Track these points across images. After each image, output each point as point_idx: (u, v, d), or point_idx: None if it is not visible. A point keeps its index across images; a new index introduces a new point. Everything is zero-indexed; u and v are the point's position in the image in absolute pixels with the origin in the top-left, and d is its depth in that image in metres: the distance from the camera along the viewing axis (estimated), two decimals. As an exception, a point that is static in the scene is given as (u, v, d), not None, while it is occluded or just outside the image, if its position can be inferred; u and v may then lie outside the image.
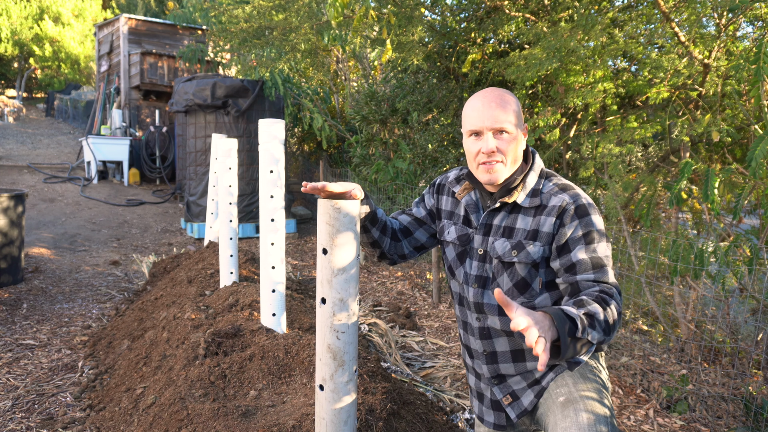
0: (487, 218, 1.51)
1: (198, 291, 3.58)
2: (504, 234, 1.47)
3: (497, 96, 1.45)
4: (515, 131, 1.45)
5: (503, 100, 1.44)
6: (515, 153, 1.46)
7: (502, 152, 1.44)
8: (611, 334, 1.25)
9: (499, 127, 1.42)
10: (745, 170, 2.73)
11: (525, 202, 1.46)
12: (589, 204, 1.42)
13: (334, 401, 1.34)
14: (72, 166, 10.95)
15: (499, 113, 1.42)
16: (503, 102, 1.44)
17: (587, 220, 1.39)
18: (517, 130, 1.46)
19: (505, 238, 1.47)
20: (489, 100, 1.44)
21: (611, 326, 1.23)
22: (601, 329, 1.20)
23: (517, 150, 1.47)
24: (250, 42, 5.80)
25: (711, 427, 2.64)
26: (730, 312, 3.22)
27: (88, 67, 20.76)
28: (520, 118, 1.47)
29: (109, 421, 2.41)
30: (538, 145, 4.03)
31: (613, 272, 1.39)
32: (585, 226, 1.39)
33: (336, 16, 3.52)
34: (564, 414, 1.34)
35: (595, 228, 1.39)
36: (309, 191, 1.26)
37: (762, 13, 2.92)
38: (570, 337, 1.13)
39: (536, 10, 3.97)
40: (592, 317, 1.19)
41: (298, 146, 10.14)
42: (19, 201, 4.75)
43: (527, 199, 1.46)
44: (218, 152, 3.62)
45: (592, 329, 1.18)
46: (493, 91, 1.46)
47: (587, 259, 1.37)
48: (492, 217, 1.51)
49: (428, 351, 3.57)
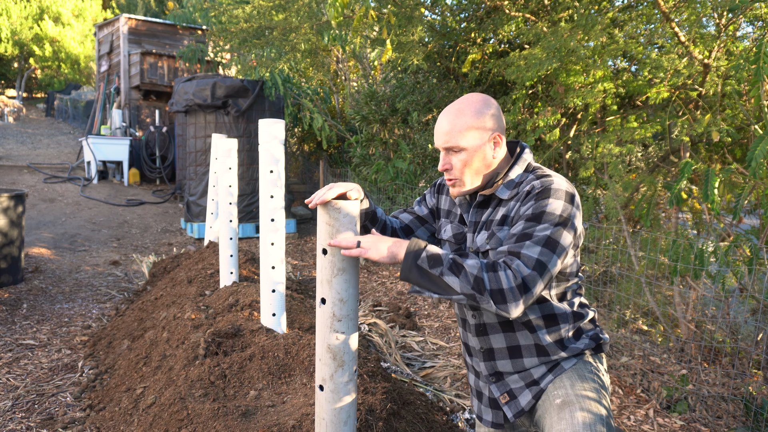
0: (474, 215, 1.52)
1: (198, 291, 3.58)
2: (485, 227, 1.48)
3: (457, 110, 1.43)
4: (475, 143, 1.42)
5: (462, 112, 1.42)
6: (477, 166, 1.44)
7: (456, 170, 1.44)
8: (484, 294, 1.22)
9: (450, 145, 1.42)
10: (745, 170, 2.73)
11: (504, 194, 1.45)
12: (557, 189, 1.35)
13: (334, 401, 1.34)
14: (72, 166, 10.95)
15: (453, 130, 1.41)
16: (461, 115, 1.41)
17: (543, 202, 1.33)
18: (481, 140, 1.42)
19: (485, 231, 1.47)
20: (447, 115, 1.44)
21: (479, 285, 1.22)
22: (467, 282, 1.23)
23: (481, 161, 1.44)
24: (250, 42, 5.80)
25: (711, 427, 2.64)
26: (730, 312, 3.22)
27: (88, 67, 20.76)
28: (495, 124, 1.43)
29: (109, 421, 2.41)
30: (538, 145, 4.03)
31: (539, 250, 1.27)
32: (537, 207, 1.33)
33: (336, 16, 3.52)
34: (560, 416, 1.34)
35: (546, 209, 1.32)
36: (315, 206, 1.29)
37: (762, 13, 2.92)
38: (410, 258, 1.26)
39: (536, 10, 3.97)
40: (453, 261, 1.25)
41: (298, 146, 10.14)
42: (19, 201, 4.75)
43: (506, 192, 1.45)
44: (218, 152, 3.62)
45: (449, 272, 1.24)
46: (456, 104, 1.45)
47: (516, 234, 1.33)
48: (480, 214, 1.52)
49: (428, 351, 3.57)
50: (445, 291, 1.26)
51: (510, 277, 1.23)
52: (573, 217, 1.34)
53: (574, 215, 1.35)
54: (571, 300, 1.50)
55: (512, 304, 1.23)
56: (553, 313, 1.46)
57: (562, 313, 1.46)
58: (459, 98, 1.47)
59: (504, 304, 1.23)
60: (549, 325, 1.46)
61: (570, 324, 1.48)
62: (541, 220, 1.32)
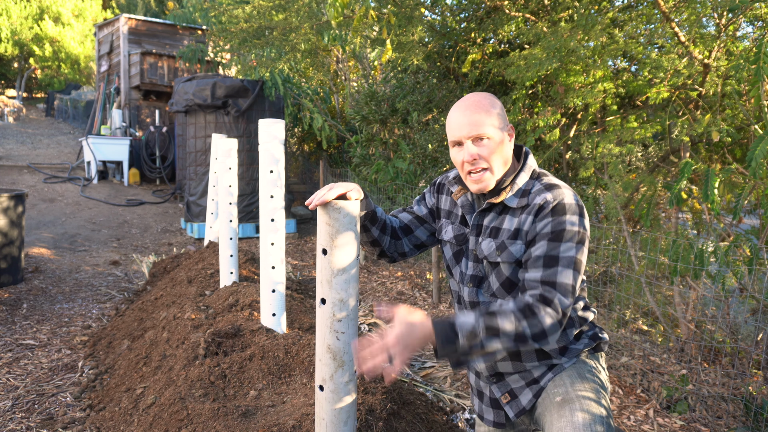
0: (478, 219, 1.51)
1: (198, 291, 3.58)
2: (491, 234, 1.47)
3: (474, 103, 1.43)
4: (497, 135, 1.42)
5: (480, 105, 1.42)
6: (501, 157, 1.44)
7: (484, 158, 1.42)
8: (527, 341, 1.26)
9: (477, 134, 1.41)
10: (745, 170, 2.73)
11: (513, 203, 1.44)
12: (571, 204, 1.37)
13: (334, 402, 1.34)
14: (72, 166, 10.95)
15: (476, 120, 1.40)
16: (480, 108, 1.41)
17: (561, 218, 1.35)
18: (501, 133, 1.43)
19: (491, 238, 1.46)
20: (465, 108, 1.43)
21: (521, 336, 1.25)
22: (509, 339, 1.25)
23: (503, 153, 1.45)
24: (250, 42, 5.79)
25: (711, 427, 2.64)
26: (730, 312, 3.22)
27: (88, 67, 20.76)
28: (503, 121, 1.45)
29: (109, 421, 2.41)
30: (538, 145, 4.03)
31: (572, 274, 1.32)
32: (556, 225, 1.35)
33: (336, 16, 3.52)
34: (560, 413, 1.34)
35: (566, 227, 1.34)
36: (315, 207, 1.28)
37: (762, 13, 2.92)
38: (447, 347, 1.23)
39: (536, 10, 3.97)
40: (487, 327, 1.24)
41: (298, 146, 10.14)
42: (19, 201, 4.75)
43: (515, 200, 1.44)
44: (218, 152, 3.63)
45: (488, 339, 1.24)
46: (470, 98, 1.44)
47: (542, 256, 1.34)
48: (483, 218, 1.50)
49: (428, 351, 3.57)
50: (490, 357, 1.29)
51: (552, 315, 1.27)
52: (586, 230, 1.38)
53: (587, 228, 1.39)
54: (576, 302, 1.50)
55: (552, 336, 1.28)
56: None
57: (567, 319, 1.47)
58: (465, 96, 1.46)
59: (545, 339, 1.27)
60: None
61: (574, 329, 1.49)
62: (563, 238, 1.34)
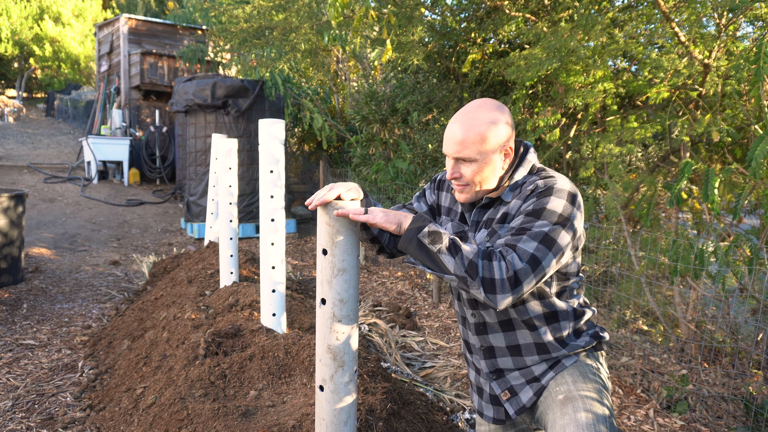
0: (476, 215, 1.52)
1: (198, 291, 3.58)
2: (486, 226, 1.47)
3: (470, 120, 1.39)
4: (485, 158, 1.39)
5: (475, 124, 1.38)
6: (483, 177, 1.42)
7: (465, 178, 1.42)
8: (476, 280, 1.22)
9: (460, 156, 1.39)
10: (745, 170, 2.73)
11: (509, 197, 1.44)
12: (561, 189, 1.34)
13: (335, 402, 1.34)
14: (72, 166, 10.95)
15: (464, 142, 1.38)
16: (473, 127, 1.38)
17: (545, 199, 1.32)
18: (491, 156, 1.40)
19: (485, 229, 1.47)
20: (460, 123, 1.40)
21: (473, 269, 1.22)
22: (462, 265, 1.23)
23: (491, 172, 1.42)
24: (250, 42, 5.80)
25: (711, 427, 2.64)
26: (730, 312, 3.22)
27: (88, 67, 20.75)
28: (500, 140, 1.40)
29: (109, 421, 2.41)
30: (539, 145, 4.03)
31: (536, 246, 1.26)
32: (538, 204, 1.32)
33: (336, 16, 3.51)
34: (563, 412, 1.34)
35: (546, 206, 1.31)
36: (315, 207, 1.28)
37: (762, 13, 2.92)
38: (415, 231, 1.27)
39: (536, 10, 3.97)
40: (453, 242, 1.25)
41: (298, 146, 10.14)
42: (19, 201, 4.75)
43: (510, 194, 1.44)
44: (218, 152, 3.63)
45: (447, 252, 1.24)
46: (470, 112, 1.40)
47: (514, 227, 1.31)
48: (482, 214, 1.51)
49: (428, 351, 3.57)
50: (439, 268, 1.26)
51: (503, 269, 1.23)
52: (573, 217, 1.33)
53: (575, 216, 1.33)
54: (572, 298, 1.50)
55: (500, 295, 1.23)
56: (554, 311, 1.46)
57: (562, 311, 1.47)
58: (471, 103, 1.43)
59: (493, 294, 1.22)
60: (550, 323, 1.46)
61: (570, 322, 1.48)
62: (540, 216, 1.30)
